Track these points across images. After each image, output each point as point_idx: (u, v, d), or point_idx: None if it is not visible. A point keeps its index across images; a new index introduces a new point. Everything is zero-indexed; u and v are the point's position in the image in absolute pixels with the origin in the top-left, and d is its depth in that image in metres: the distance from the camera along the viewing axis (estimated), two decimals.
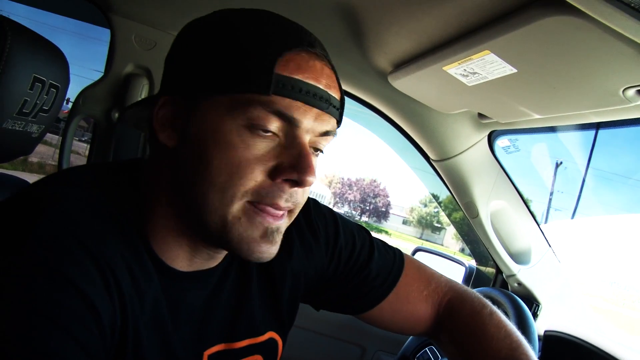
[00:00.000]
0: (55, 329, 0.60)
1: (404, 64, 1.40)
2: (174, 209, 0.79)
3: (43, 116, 1.24)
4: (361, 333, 2.19)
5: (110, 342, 0.69)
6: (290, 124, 0.75)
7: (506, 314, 1.56)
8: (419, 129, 1.78)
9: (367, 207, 62.69)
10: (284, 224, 0.81)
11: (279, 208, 0.77)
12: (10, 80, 1.07)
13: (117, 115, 1.77)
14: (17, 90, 1.10)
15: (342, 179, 64.79)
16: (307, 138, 0.77)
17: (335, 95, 0.80)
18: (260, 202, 0.75)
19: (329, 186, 58.77)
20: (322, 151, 0.84)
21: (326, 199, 30.13)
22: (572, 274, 1.96)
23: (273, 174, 0.75)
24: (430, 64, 1.26)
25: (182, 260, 0.83)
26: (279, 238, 0.80)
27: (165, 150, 0.79)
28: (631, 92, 1.02)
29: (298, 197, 0.79)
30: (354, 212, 62.31)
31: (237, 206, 0.74)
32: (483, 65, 1.14)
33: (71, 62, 1.32)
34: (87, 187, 0.75)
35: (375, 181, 63.90)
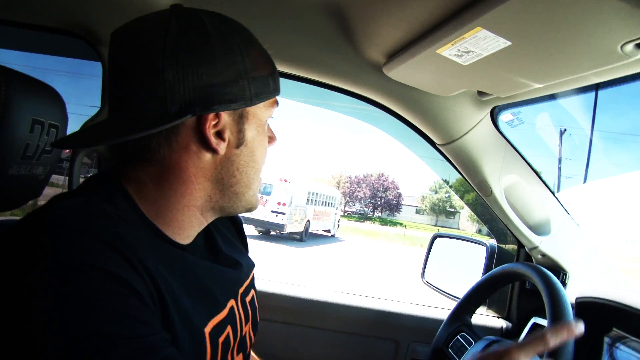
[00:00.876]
0: (124, 319, 0.72)
1: (397, 53, 1.39)
2: (203, 200, 0.97)
3: (47, 157, 1.24)
4: (393, 327, 2.18)
5: (156, 312, 0.80)
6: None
7: (535, 287, 1.55)
8: (420, 116, 1.77)
9: (379, 202, 62.71)
10: None
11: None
12: (10, 126, 1.07)
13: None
14: (18, 135, 1.11)
15: (350, 177, 64.84)
16: None
17: None
18: None
19: (338, 187, 58.77)
20: None
21: (337, 200, 30.19)
22: (594, 238, 1.95)
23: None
24: (423, 50, 1.25)
25: (190, 237, 1.00)
26: None
27: (208, 157, 0.94)
28: (630, 47, 1.01)
29: None
30: (366, 209, 62.33)
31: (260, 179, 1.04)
32: (476, 43, 1.13)
33: (67, 101, 1.32)
34: (91, 194, 0.88)
35: (383, 175, 63.92)
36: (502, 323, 2.16)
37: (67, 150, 1.94)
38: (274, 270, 12.09)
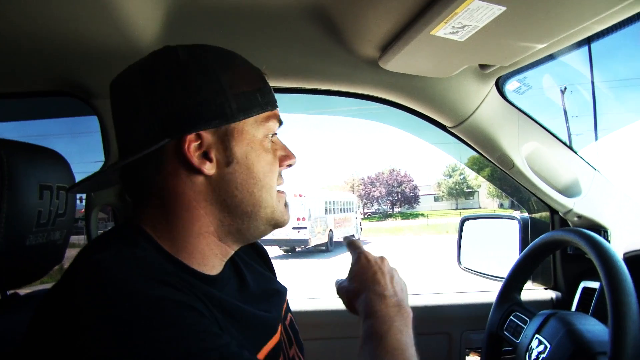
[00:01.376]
0: (203, 334, 0.75)
1: (390, 44, 1.36)
2: (215, 225, 0.97)
3: (61, 220, 1.23)
4: (442, 320, 2.13)
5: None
6: (279, 126, 1.03)
7: (578, 251, 1.50)
8: (425, 103, 1.73)
9: (396, 198, 62.69)
10: None
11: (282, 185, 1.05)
12: (18, 197, 1.06)
13: None
14: (28, 204, 1.09)
15: (362, 179, 64.89)
16: None
17: None
18: (279, 184, 1.03)
19: (352, 190, 58.78)
20: None
21: (354, 204, 30.23)
22: (628, 189, 1.89)
23: (279, 164, 1.02)
24: (416, 34, 1.22)
25: (216, 268, 1.00)
26: None
27: (201, 180, 0.93)
28: None
29: None
30: (385, 207, 62.28)
31: (275, 195, 1.01)
32: (470, 15, 1.10)
33: (71, 162, 1.31)
34: (117, 242, 0.89)
35: (394, 170, 63.92)
36: (551, 294, 2.11)
37: (82, 210, 1.93)
38: (304, 287, 12.03)
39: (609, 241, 1.80)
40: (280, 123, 1.03)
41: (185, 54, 0.94)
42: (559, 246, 1.48)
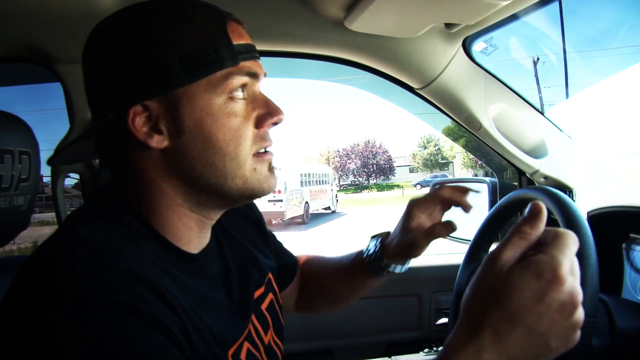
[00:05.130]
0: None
1: (355, 3, 1.35)
2: (181, 197, 0.89)
3: (24, 185, 1.21)
4: (413, 282, 2.17)
5: (185, 346, 0.76)
6: (252, 79, 0.88)
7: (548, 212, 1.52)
8: (392, 64, 1.72)
9: (371, 169, 62.84)
10: None
11: (268, 147, 0.93)
12: None
13: (98, 161, 1.75)
14: None
15: (338, 151, 64.89)
16: None
17: None
18: (260, 149, 0.90)
19: (328, 163, 58.83)
20: None
21: (330, 176, 30.30)
22: (592, 150, 1.92)
23: (258, 124, 0.89)
24: None
25: (194, 242, 0.93)
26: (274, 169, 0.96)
27: (156, 153, 0.86)
28: None
29: None
30: (360, 179, 62.50)
31: (249, 162, 0.88)
32: None
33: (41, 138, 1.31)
34: (104, 216, 0.83)
35: (369, 142, 63.96)
36: None
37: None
38: None
39: (574, 201, 1.83)
40: (255, 76, 0.89)
41: (131, 14, 0.85)
42: (524, 204, 1.48)
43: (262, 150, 0.91)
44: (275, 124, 0.92)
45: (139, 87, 0.82)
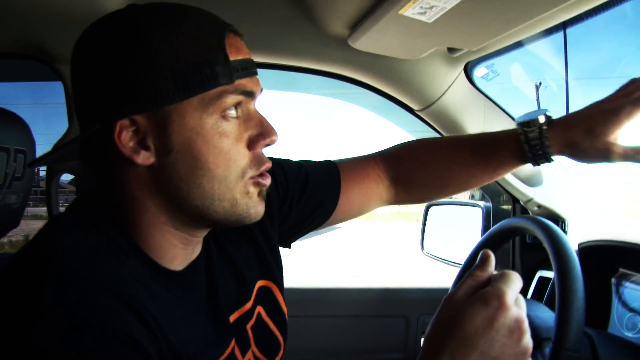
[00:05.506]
0: None
1: (359, 22, 1.36)
2: (166, 216, 0.85)
3: (18, 184, 1.20)
4: (401, 303, 2.16)
5: None
6: (247, 98, 0.84)
7: (536, 240, 1.52)
8: (393, 84, 1.73)
9: None
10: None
11: (267, 169, 0.88)
12: None
13: None
14: None
15: None
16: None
17: None
18: (257, 172, 0.86)
19: None
20: None
21: None
22: (587, 182, 1.93)
23: (250, 146, 0.85)
24: (385, 13, 1.21)
25: (179, 258, 0.89)
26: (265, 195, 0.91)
27: (142, 169, 0.81)
28: None
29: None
30: None
31: (240, 185, 0.84)
32: None
33: (37, 132, 1.29)
34: (83, 227, 0.80)
35: None
36: None
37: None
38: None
39: (565, 231, 1.83)
40: (250, 94, 0.84)
41: (125, 19, 0.80)
42: (516, 233, 1.49)
43: (260, 174, 0.87)
44: (268, 145, 0.87)
45: (127, 100, 0.76)
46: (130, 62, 0.76)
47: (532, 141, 1.09)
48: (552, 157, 1.10)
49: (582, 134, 1.04)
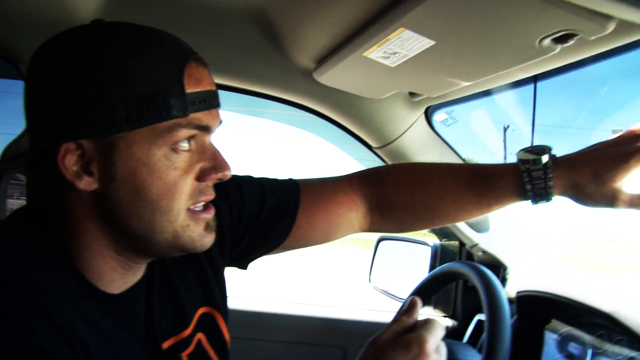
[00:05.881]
0: None
1: (325, 58, 1.38)
2: (107, 240, 0.82)
3: None
4: (339, 334, 2.17)
5: None
6: (202, 132, 0.82)
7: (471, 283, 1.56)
8: (354, 120, 1.76)
9: None
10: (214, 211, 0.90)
11: (212, 202, 0.88)
12: None
13: None
14: None
15: None
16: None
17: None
18: (197, 204, 0.84)
19: None
20: None
21: None
22: (534, 232, 1.98)
23: (200, 178, 0.83)
24: (350, 53, 1.25)
25: (117, 282, 0.86)
26: (214, 225, 0.89)
27: (85, 194, 0.79)
28: (547, 42, 1.03)
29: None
30: None
31: (182, 217, 0.82)
32: (401, 44, 1.13)
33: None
34: (21, 240, 0.79)
35: None
36: (448, 322, 2.17)
37: None
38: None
39: (506, 279, 1.88)
40: (205, 129, 0.82)
41: (82, 38, 0.78)
42: (455, 278, 1.53)
43: (199, 206, 0.85)
44: (220, 179, 0.85)
45: (75, 124, 0.74)
46: (82, 86, 0.74)
47: (536, 180, 1.02)
48: (552, 198, 1.03)
49: (588, 178, 0.98)
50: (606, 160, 0.97)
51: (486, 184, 1.10)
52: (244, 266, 1.21)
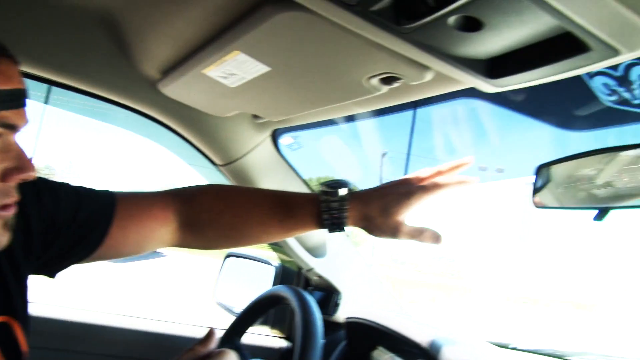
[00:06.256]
0: None
1: (169, 71, 1.36)
2: None
3: None
4: (168, 350, 2.09)
5: None
6: (8, 130, 0.80)
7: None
8: (199, 135, 1.74)
9: None
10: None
11: (14, 201, 0.85)
12: None
13: None
14: None
15: None
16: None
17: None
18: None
19: None
20: None
21: None
22: (374, 259, 2.05)
23: (4, 178, 0.81)
24: (191, 69, 1.24)
25: None
26: (13, 224, 0.87)
27: None
28: (375, 81, 1.08)
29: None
30: None
31: None
32: (238, 66, 1.14)
33: None
34: None
35: None
36: (283, 343, 2.19)
37: None
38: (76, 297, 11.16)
39: (338, 304, 1.93)
40: (12, 127, 0.82)
41: None
42: (280, 302, 1.54)
43: (3, 205, 0.83)
44: (24, 180, 0.84)
45: None
46: None
47: (332, 211, 1.13)
48: (345, 228, 1.15)
49: (377, 211, 1.10)
50: (393, 196, 1.10)
51: (288, 211, 1.19)
52: (52, 275, 1.16)
